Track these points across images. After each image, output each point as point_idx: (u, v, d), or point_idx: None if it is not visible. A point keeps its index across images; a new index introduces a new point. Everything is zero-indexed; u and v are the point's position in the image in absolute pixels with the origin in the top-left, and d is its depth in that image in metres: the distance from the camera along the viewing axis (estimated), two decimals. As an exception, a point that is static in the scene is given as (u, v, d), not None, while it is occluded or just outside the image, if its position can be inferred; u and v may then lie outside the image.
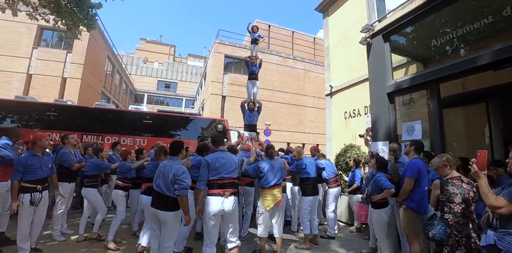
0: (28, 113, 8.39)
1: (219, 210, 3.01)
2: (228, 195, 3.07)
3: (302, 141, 17.99)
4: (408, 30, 4.41)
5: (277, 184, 3.75)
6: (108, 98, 20.03)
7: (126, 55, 36.80)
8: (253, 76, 6.43)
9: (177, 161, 2.96)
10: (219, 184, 3.10)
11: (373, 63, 4.87)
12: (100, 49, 17.23)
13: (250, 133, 5.94)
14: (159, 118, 10.03)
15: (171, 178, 2.78)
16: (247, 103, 6.18)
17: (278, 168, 3.83)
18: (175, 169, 2.82)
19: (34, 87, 13.66)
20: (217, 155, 3.23)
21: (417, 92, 4.30)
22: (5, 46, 13.46)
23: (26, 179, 3.34)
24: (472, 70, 3.41)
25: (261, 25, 22.13)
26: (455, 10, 3.70)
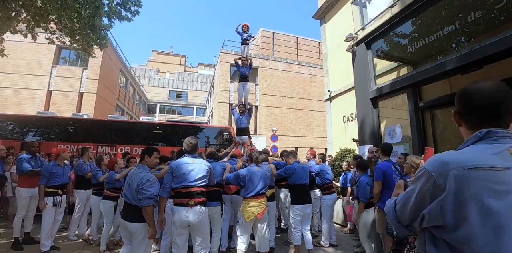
0: (48, 127, 9.13)
1: (183, 221, 2.79)
2: (193, 205, 2.80)
3: (310, 145, 18.13)
4: (391, 37, 4.68)
5: (260, 194, 3.48)
6: (122, 110, 21.00)
7: (139, 68, 38.32)
8: (243, 78, 6.21)
9: (143, 168, 2.78)
10: (183, 193, 2.85)
11: (357, 70, 5.15)
12: (113, 64, 18.23)
13: (241, 138, 5.72)
14: (169, 128, 10.57)
15: (135, 188, 2.61)
16: (238, 105, 5.95)
17: (262, 175, 3.53)
18: (139, 177, 2.64)
19: (54, 103, 14.66)
20: (184, 161, 2.95)
21: (399, 96, 4.54)
22: (28, 66, 14.59)
23: (50, 185, 3.99)
24: (442, 75, 3.65)
25: (265, 33, 22.74)
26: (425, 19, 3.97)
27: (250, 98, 18.07)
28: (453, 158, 0.89)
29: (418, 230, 0.99)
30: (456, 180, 0.84)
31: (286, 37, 23.35)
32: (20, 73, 14.49)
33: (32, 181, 4.18)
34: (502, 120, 0.93)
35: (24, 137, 8.79)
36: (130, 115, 22.96)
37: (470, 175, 0.83)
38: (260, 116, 18.37)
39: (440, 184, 0.87)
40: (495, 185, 0.81)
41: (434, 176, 0.89)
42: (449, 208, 0.86)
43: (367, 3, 5.10)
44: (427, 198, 0.91)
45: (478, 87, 0.96)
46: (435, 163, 0.92)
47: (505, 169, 0.83)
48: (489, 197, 0.81)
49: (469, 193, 0.83)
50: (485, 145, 0.90)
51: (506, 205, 0.79)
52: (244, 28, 6.59)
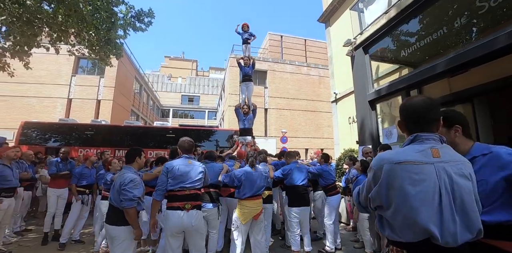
0: (69, 133, 9.78)
1: (178, 226, 2.64)
2: (189, 209, 2.67)
3: (320, 147, 18.22)
4: (386, 41, 4.88)
5: (256, 195, 3.39)
6: (137, 115, 21.80)
7: (152, 74, 39.49)
8: (246, 78, 6.13)
9: (129, 169, 2.65)
10: (179, 195, 2.69)
11: (356, 73, 5.37)
12: (128, 72, 19.04)
13: (244, 138, 5.64)
14: (181, 132, 11.04)
15: (117, 188, 2.49)
16: (241, 106, 5.85)
17: (258, 177, 3.43)
18: (122, 178, 2.52)
19: (74, 110, 15.50)
20: (180, 162, 2.83)
21: (395, 99, 4.71)
22: (50, 76, 15.53)
23: (79, 185, 4.48)
24: (432, 78, 3.83)
25: (273, 36, 23.08)
26: (418, 24, 4.16)
27: (259, 101, 18.59)
28: (387, 155, 1.22)
29: (371, 210, 1.32)
30: (387, 172, 1.15)
31: (294, 39, 23.61)
32: (42, 83, 15.43)
33: (58, 183, 4.66)
34: (429, 126, 1.24)
35: (47, 142, 9.46)
36: (145, 120, 23.76)
37: (396, 168, 1.14)
38: (269, 119, 18.64)
39: (378, 175, 1.19)
40: (414, 175, 1.11)
41: (374, 169, 1.22)
42: (383, 192, 1.17)
43: (365, 9, 5.32)
44: (372, 186, 1.24)
45: (412, 102, 1.30)
46: (376, 160, 1.25)
47: (422, 163, 1.12)
48: (408, 184, 1.10)
49: (394, 181, 1.13)
50: (414, 146, 1.21)
51: (420, 190, 1.09)
52: (244, 28, 6.56)
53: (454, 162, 1.16)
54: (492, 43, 3.02)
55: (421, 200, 1.08)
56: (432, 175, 1.11)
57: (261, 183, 3.45)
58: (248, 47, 6.51)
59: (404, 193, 1.10)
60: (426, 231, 1.06)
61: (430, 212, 1.07)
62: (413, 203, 1.08)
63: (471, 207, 1.11)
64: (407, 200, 1.09)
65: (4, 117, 14.69)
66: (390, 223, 1.15)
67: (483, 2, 3.19)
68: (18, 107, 15.03)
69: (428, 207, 1.07)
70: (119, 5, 6.43)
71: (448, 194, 1.09)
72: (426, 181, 1.09)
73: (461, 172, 1.14)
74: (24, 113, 14.55)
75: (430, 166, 1.12)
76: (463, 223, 1.08)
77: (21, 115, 14.02)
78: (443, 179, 1.10)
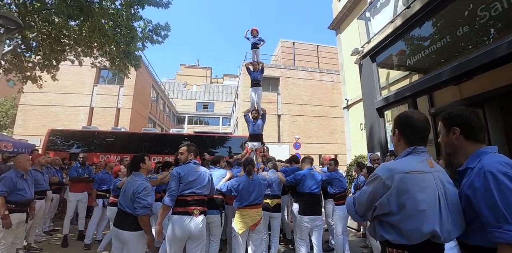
0: (91, 140, 10.34)
1: (185, 231, 2.61)
2: (197, 214, 2.68)
3: (334, 152, 18.10)
4: (393, 50, 4.97)
5: (253, 204, 3.30)
6: (154, 122, 22.54)
7: (168, 82, 40.70)
8: (255, 83, 6.08)
9: (139, 176, 2.69)
10: (189, 201, 2.69)
11: (364, 81, 5.46)
12: (146, 81, 19.84)
13: (254, 144, 5.56)
14: (196, 139, 11.39)
15: (131, 196, 2.54)
16: (250, 111, 5.78)
17: (256, 186, 3.35)
18: (135, 186, 2.57)
19: (96, 118, 16.30)
20: (190, 168, 2.82)
21: (402, 106, 4.77)
22: (73, 86, 16.47)
23: (101, 189, 4.74)
24: (438, 86, 3.89)
25: (285, 43, 23.38)
26: (422, 32, 4.25)
27: (272, 107, 18.80)
28: (395, 166, 1.33)
29: (370, 218, 1.42)
30: (399, 181, 1.27)
31: (307, 46, 23.80)
32: (67, 93, 16.38)
33: (78, 187, 4.99)
34: (425, 141, 1.41)
35: (71, 149, 10.04)
36: (161, 127, 24.50)
37: (407, 177, 1.27)
38: (282, 125, 18.77)
39: (388, 184, 1.29)
40: (420, 182, 1.25)
41: (384, 178, 1.31)
42: (393, 199, 1.28)
43: (371, 18, 5.45)
44: (378, 194, 1.33)
45: (417, 116, 1.42)
46: (384, 170, 1.34)
47: (425, 172, 1.28)
48: (417, 191, 1.24)
49: (405, 189, 1.25)
50: (414, 157, 1.35)
51: (426, 195, 1.24)
52: (254, 33, 6.52)
53: (442, 171, 1.35)
54: (494, 51, 3.09)
55: (428, 204, 1.23)
56: (432, 183, 1.27)
57: (259, 192, 3.36)
58: (257, 52, 6.46)
59: (414, 199, 1.24)
60: (434, 232, 1.20)
61: (435, 215, 1.23)
62: (421, 207, 1.23)
63: (458, 209, 1.29)
64: (417, 205, 1.23)
65: (32, 125, 15.67)
66: (398, 227, 1.27)
67: (484, 12, 3.28)
68: (45, 115, 16.00)
69: (433, 210, 1.23)
70: (138, 20, 6.88)
71: (444, 198, 1.26)
72: (428, 188, 1.25)
73: (448, 180, 1.33)
74: (50, 121, 15.47)
75: (430, 175, 1.28)
76: (454, 222, 1.25)
77: (47, 123, 14.92)
78: (439, 186, 1.27)
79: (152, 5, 5.98)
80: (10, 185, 3.21)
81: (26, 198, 3.36)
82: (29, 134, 15.03)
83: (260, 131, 5.67)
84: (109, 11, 5.90)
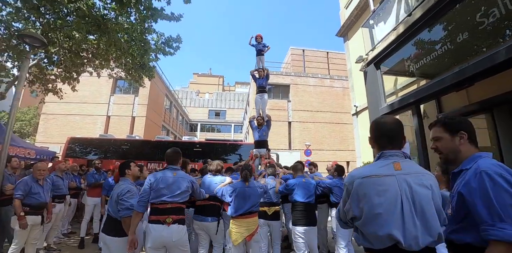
0: (107, 147, 10.77)
1: (159, 240, 2.53)
2: (170, 223, 2.55)
3: (346, 159, 17.89)
4: (396, 57, 5.03)
5: (249, 213, 3.11)
6: (167, 130, 23.09)
7: (181, 90, 41.72)
8: (261, 89, 6.05)
9: (125, 181, 2.77)
10: (161, 209, 2.59)
11: (369, 89, 5.52)
12: (159, 90, 20.48)
13: (259, 150, 5.48)
14: (207, 146, 11.63)
15: (116, 199, 2.59)
16: (256, 118, 5.74)
17: (252, 193, 3.16)
18: (120, 189, 2.64)
19: (112, 126, 16.94)
20: (164, 174, 2.72)
21: (406, 113, 4.79)
22: (91, 96, 17.24)
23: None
24: (440, 92, 3.91)
25: (295, 51, 23.64)
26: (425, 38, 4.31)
27: (283, 114, 18.93)
28: (356, 172, 1.41)
29: (350, 224, 1.45)
30: (357, 186, 1.33)
31: (316, 52, 23.98)
32: (85, 102, 17.15)
33: (95, 192, 5.22)
34: (396, 144, 1.41)
35: (87, 156, 10.49)
36: (174, 134, 25.04)
37: (364, 182, 1.32)
38: (293, 132, 18.81)
39: (350, 189, 1.37)
40: (378, 186, 1.28)
41: (346, 185, 1.40)
42: (354, 204, 1.34)
43: (375, 26, 5.55)
44: (346, 200, 1.41)
45: (384, 121, 1.48)
46: (347, 177, 1.44)
47: (385, 176, 1.30)
48: (374, 194, 1.27)
49: (363, 193, 1.30)
50: (380, 161, 1.39)
51: (384, 199, 1.26)
52: (258, 39, 6.51)
53: (415, 174, 1.29)
54: (493, 57, 3.14)
55: (385, 208, 1.22)
56: (393, 185, 1.25)
57: (255, 200, 3.18)
58: (262, 59, 6.43)
59: (371, 203, 1.26)
60: (390, 236, 1.18)
61: (393, 218, 1.21)
62: (378, 211, 1.22)
63: (430, 213, 1.23)
64: (374, 208, 1.24)
65: (53, 133, 16.46)
66: (363, 232, 1.31)
67: (483, 18, 3.34)
68: (65, 124, 16.78)
69: (391, 214, 1.22)
70: (151, 33, 7.27)
71: (409, 201, 1.22)
72: (388, 191, 1.25)
73: (421, 182, 1.27)
74: (70, 129, 16.20)
75: (391, 178, 1.27)
76: (423, 227, 1.21)
77: (67, 131, 15.64)
78: (404, 188, 1.24)
79: (164, 19, 6.32)
80: (25, 189, 3.45)
81: (40, 202, 3.59)
82: (50, 141, 15.78)
83: (265, 137, 5.62)
84: (124, 26, 6.29)
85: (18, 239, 3.39)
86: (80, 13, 5.22)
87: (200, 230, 3.46)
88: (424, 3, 4.18)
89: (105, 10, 6.15)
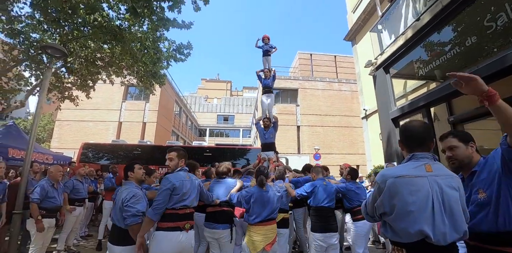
0: (119, 152, 11.02)
1: (176, 248, 2.33)
2: (188, 229, 2.42)
3: (356, 163, 17.72)
4: (405, 61, 5.06)
5: (268, 219, 2.95)
6: (177, 135, 23.40)
7: (190, 96, 42.30)
8: (266, 90, 5.89)
9: (129, 185, 2.55)
10: (181, 214, 2.40)
11: (379, 92, 5.55)
12: (169, 96, 20.86)
13: (266, 153, 5.27)
14: (217, 151, 11.77)
15: (120, 205, 2.38)
16: (262, 119, 5.54)
17: (270, 198, 3.00)
18: (124, 194, 2.41)
19: (124, 132, 17.31)
20: (182, 177, 2.50)
21: (417, 116, 4.79)
22: (104, 102, 17.70)
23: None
24: (449, 96, 3.93)
25: (303, 55, 23.74)
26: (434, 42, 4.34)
27: (291, 118, 18.96)
28: (389, 172, 1.51)
29: (377, 218, 1.58)
30: (390, 184, 1.43)
31: (324, 56, 24.03)
32: (98, 109, 17.61)
33: (111, 195, 5.38)
34: (425, 147, 1.52)
35: (100, 161, 10.74)
36: (184, 140, 25.33)
37: (397, 181, 1.42)
38: (302, 136, 18.79)
39: (382, 187, 1.46)
40: (411, 186, 1.39)
41: (379, 183, 1.50)
42: (386, 201, 1.45)
43: (383, 30, 5.60)
44: (377, 197, 1.52)
45: (412, 125, 1.60)
46: (379, 176, 1.54)
47: (416, 177, 1.40)
48: (407, 194, 1.38)
49: (396, 191, 1.41)
50: (411, 162, 1.50)
51: (416, 198, 1.36)
52: (265, 40, 6.39)
53: (445, 176, 1.41)
54: (503, 60, 3.16)
55: (417, 206, 1.33)
56: (425, 186, 1.36)
57: (274, 205, 3.01)
58: (268, 59, 6.28)
59: (403, 201, 1.37)
60: (421, 232, 1.31)
61: (424, 216, 1.33)
62: (410, 209, 1.34)
63: (458, 212, 1.36)
64: (406, 206, 1.36)
65: (67, 139, 16.92)
66: (392, 226, 1.42)
67: (491, 22, 3.37)
68: (79, 130, 17.24)
69: (423, 211, 1.34)
70: (163, 41, 7.50)
71: (439, 201, 1.35)
72: (420, 191, 1.36)
73: (450, 184, 1.39)
74: (83, 135, 16.63)
75: (423, 179, 1.38)
76: (451, 225, 1.33)
77: (81, 137, 16.06)
78: (435, 189, 1.36)
79: (176, 27, 6.53)
80: (42, 193, 3.60)
81: (56, 205, 3.74)
82: (64, 147, 16.22)
83: (272, 140, 5.39)
84: (137, 35, 6.53)
85: (36, 241, 3.53)
86: (97, 24, 5.46)
87: (212, 238, 3.22)
88: (432, 8, 4.23)
89: (119, 20, 6.42)
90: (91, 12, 5.40)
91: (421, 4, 4.55)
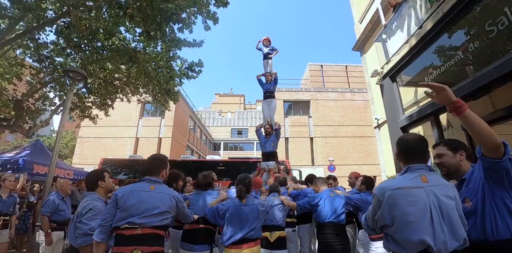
0: (137, 167, 11.34)
1: None
2: None
3: (373, 173, 17.20)
4: (411, 69, 5.07)
5: (246, 240, 2.40)
6: (192, 149, 23.77)
7: (204, 110, 43.18)
8: (268, 95, 5.61)
9: (91, 196, 2.18)
10: (126, 236, 1.80)
11: (386, 101, 5.53)
12: (184, 111, 21.46)
13: (267, 163, 4.85)
14: (230, 164, 11.88)
15: (75, 221, 2.05)
16: (263, 126, 5.18)
17: (249, 214, 2.48)
18: (81, 207, 2.07)
19: (140, 147, 17.82)
20: (136, 187, 1.97)
21: (426, 124, 4.71)
22: (122, 119, 18.43)
23: None
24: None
25: (313, 67, 23.97)
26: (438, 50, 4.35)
27: (304, 130, 18.93)
28: (386, 184, 1.58)
29: (378, 231, 1.62)
30: (388, 197, 1.48)
31: (335, 67, 24.13)
32: (116, 126, 18.32)
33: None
34: (421, 158, 1.57)
35: (117, 175, 11.07)
36: (199, 154, 25.66)
37: (395, 193, 1.47)
38: (315, 147, 18.61)
39: (381, 200, 1.52)
40: (409, 197, 1.44)
41: (378, 196, 1.55)
42: (386, 213, 1.50)
43: (388, 39, 5.67)
44: (376, 209, 1.57)
45: (408, 138, 1.68)
46: (377, 189, 1.60)
47: (413, 188, 1.45)
48: (406, 205, 1.43)
49: (395, 203, 1.46)
50: (407, 174, 1.55)
51: (415, 209, 1.41)
52: (265, 43, 6.13)
53: (441, 186, 1.45)
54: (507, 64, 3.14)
55: (416, 216, 1.37)
56: (422, 196, 1.40)
57: (254, 222, 2.47)
58: (269, 63, 5.97)
59: (403, 212, 1.41)
60: (422, 242, 1.34)
61: (424, 225, 1.36)
62: (410, 219, 1.38)
63: (456, 221, 1.39)
64: (406, 217, 1.40)
65: (87, 155, 17.60)
66: (394, 238, 1.46)
67: (491, 27, 3.38)
68: (98, 146, 17.92)
69: (422, 221, 1.37)
70: (176, 60, 7.89)
71: (437, 210, 1.38)
72: (418, 202, 1.40)
73: (446, 194, 1.42)
74: (102, 151, 17.26)
75: (420, 190, 1.42)
76: (450, 233, 1.36)
77: (100, 153, 16.68)
78: (432, 199, 1.39)
79: (187, 46, 6.88)
80: (53, 206, 3.68)
81: (66, 218, 3.81)
82: (85, 163, 16.84)
83: (273, 148, 4.99)
84: (152, 56, 6.94)
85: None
86: (115, 47, 5.89)
87: None
88: (433, 15, 4.28)
89: (135, 42, 6.88)
90: (109, 36, 5.85)
91: (423, 12, 4.63)
